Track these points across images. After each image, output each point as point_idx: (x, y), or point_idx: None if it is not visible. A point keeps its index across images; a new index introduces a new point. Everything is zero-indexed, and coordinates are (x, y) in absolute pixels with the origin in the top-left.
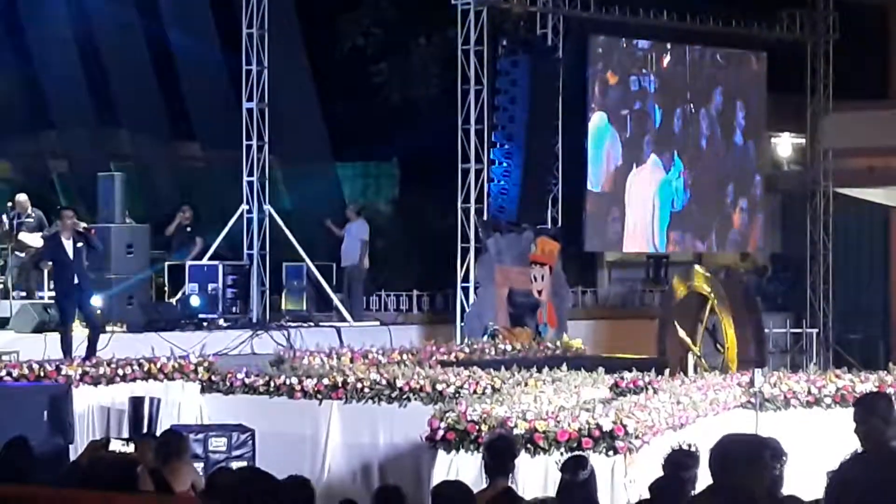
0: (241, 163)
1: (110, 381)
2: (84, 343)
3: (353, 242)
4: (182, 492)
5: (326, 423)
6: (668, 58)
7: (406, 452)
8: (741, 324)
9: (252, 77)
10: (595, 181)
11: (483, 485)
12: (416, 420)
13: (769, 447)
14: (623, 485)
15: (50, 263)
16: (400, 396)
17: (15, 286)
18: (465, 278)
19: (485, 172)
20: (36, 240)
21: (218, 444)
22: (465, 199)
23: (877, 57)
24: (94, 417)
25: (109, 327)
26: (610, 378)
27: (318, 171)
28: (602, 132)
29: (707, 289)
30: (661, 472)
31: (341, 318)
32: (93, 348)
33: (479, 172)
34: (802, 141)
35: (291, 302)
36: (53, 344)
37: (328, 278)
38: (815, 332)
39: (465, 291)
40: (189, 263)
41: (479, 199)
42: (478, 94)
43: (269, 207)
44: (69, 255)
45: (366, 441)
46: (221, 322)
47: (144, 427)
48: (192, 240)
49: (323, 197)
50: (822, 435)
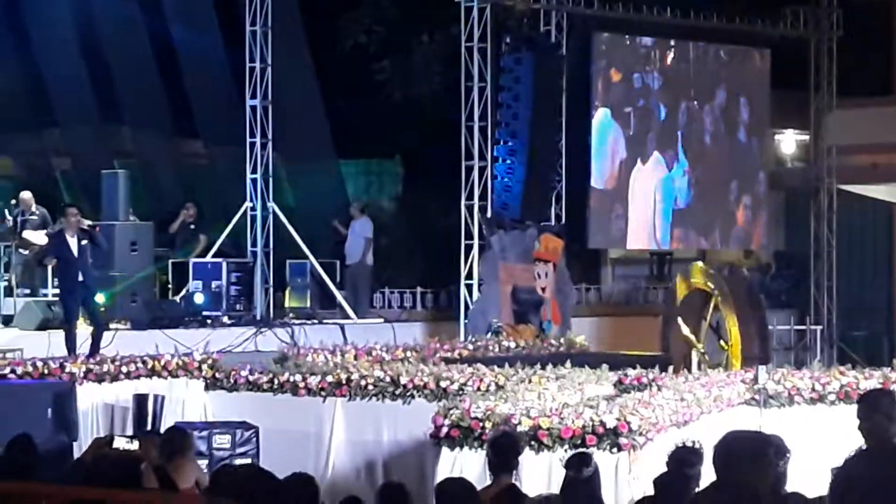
0: (244, 160)
1: (114, 378)
2: (88, 341)
3: (357, 240)
4: (186, 489)
5: (330, 420)
6: (671, 55)
7: (410, 449)
8: (745, 321)
9: (255, 74)
10: (599, 178)
11: (487, 482)
12: (419, 417)
13: (773, 444)
14: (627, 482)
15: (54, 260)
16: (404, 393)
17: (19, 284)
18: (469, 275)
19: (488, 169)
20: (40, 238)
21: (222, 442)
22: (469, 197)
23: (881, 54)
24: (98, 415)
25: (113, 325)
26: (614, 375)
27: (321, 168)
28: (605, 129)
29: (710, 285)
30: (665, 469)
31: (345, 316)
32: (96, 346)
33: (482, 170)
34: (806, 138)
35: (295, 299)
36: (57, 341)
37: (332, 275)
38: (818, 328)
39: (469, 288)
40: (193, 261)
41: (483, 196)
42: (481, 91)
43: (272, 205)
44: (74, 252)
45: (370, 438)
46: (225, 319)
47: (148, 424)
48: (195, 237)
49: (326, 194)
50: (826, 432)
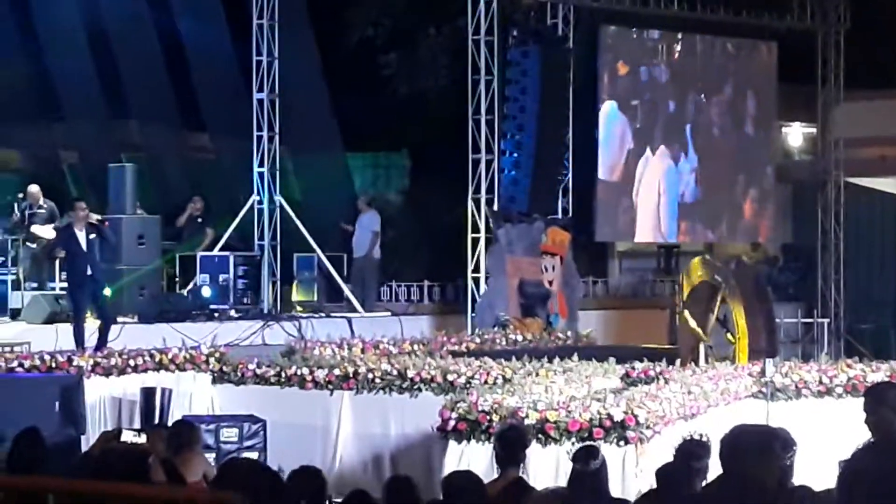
0: (251, 153)
1: (122, 371)
2: (95, 334)
3: (365, 233)
4: (194, 482)
5: (338, 413)
6: (678, 48)
7: (417, 443)
8: (752, 313)
9: (262, 68)
10: (606, 171)
11: (494, 475)
12: (427, 410)
13: (779, 438)
14: (634, 474)
15: (63, 252)
16: (411, 387)
17: (27, 277)
18: (476, 269)
19: (495, 163)
20: (48, 232)
21: (229, 435)
22: (476, 190)
23: (888, 46)
24: (106, 408)
25: (121, 318)
26: (621, 368)
27: (328, 161)
28: (612, 122)
29: (717, 278)
30: (670, 461)
31: (352, 309)
32: (104, 339)
33: (489, 163)
34: (813, 130)
35: (302, 293)
36: (65, 335)
37: (339, 269)
38: (826, 321)
39: (476, 282)
40: (200, 254)
41: (490, 189)
42: (488, 84)
43: (279, 198)
44: (82, 246)
45: (377, 431)
46: (232, 313)
47: (156, 418)
48: (202, 231)
49: (333, 188)
50: (834, 425)
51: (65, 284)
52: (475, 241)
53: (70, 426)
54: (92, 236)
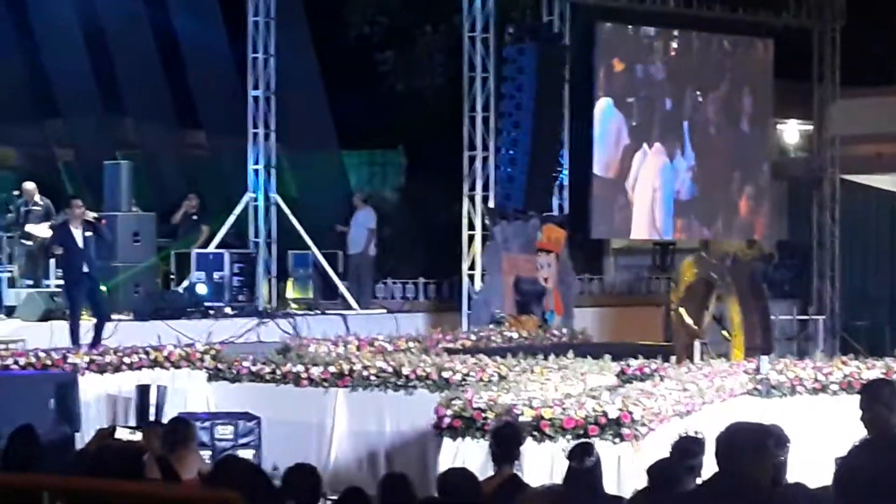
0: (247, 151)
1: (117, 369)
2: (91, 332)
3: (360, 231)
4: (189, 479)
5: (333, 410)
6: (674, 45)
7: (412, 440)
8: (748, 311)
9: (258, 65)
10: (601, 168)
11: (489, 472)
12: (422, 408)
13: (773, 435)
14: (629, 472)
15: (60, 249)
16: (406, 384)
17: (22, 275)
18: (472, 266)
19: (491, 160)
20: (44, 230)
21: (224, 432)
22: (472, 187)
23: (884, 43)
24: (101, 406)
25: (116, 315)
26: (616, 365)
27: (324, 159)
28: (608, 119)
29: (713, 275)
30: (661, 459)
31: (347, 306)
32: (98, 337)
33: (485, 160)
34: (809, 127)
35: (298, 290)
36: (60, 332)
37: (334, 266)
38: (821, 318)
39: (472, 279)
40: (195, 251)
41: (486, 186)
42: (484, 81)
43: (275, 195)
44: (79, 244)
45: (372, 429)
46: (228, 310)
47: (151, 415)
48: (198, 228)
49: (329, 185)
50: (829, 422)
51: (60, 282)
52: (471, 239)
53: (65, 423)
54: (88, 234)
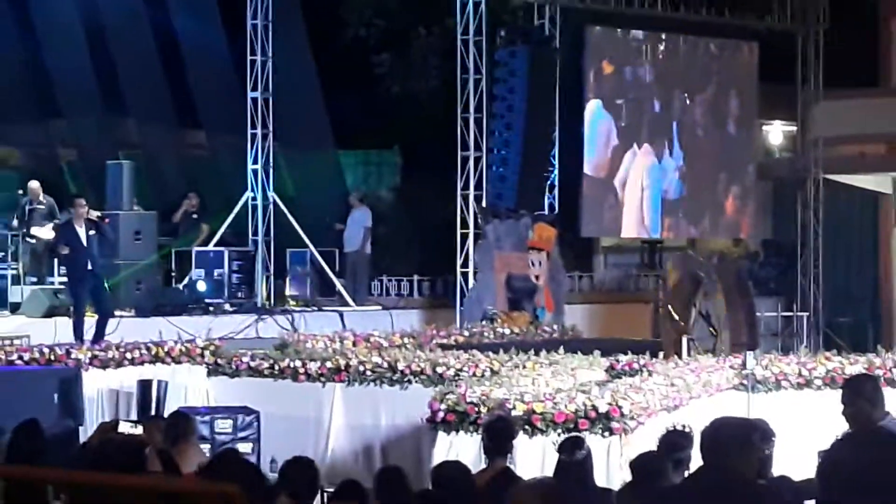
0: (245, 151)
1: (119, 364)
2: (93, 328)
3: (357, 229)
4: (189, 472)
5: (329, 405)
6: (662, 48)
7: (407, 434)
8: (734, 308)
9: (257, 67)
10: (591, 168)
11: (482, 465)
12: (416, 402)
13: (758, 430)
14: (618, 465)
15: (67, 249)
16: (401, 379)
17: (27, 272)
18: (465, 264)
19: (484, 160)
20: (47, 232)
21: (224, 426)
22: (465, 187)
23: (867, 46)
24: (104, 400)
25: (118, 312)
26: (606, 361)
27: (321, 158)
28: (597, 120)
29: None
30: (643, 452)
31: (344, 303)
32: (101, 333)
33: (478, 160)
34: (793, 129)
35: (295, 287)
36: (63, 328)
37: (331, 264)
38: (805, 315)
39: (465, 276)
40: (195, 249)
41: (479, 186)
42: (477, 83)
43: (273, 194)
44: (83, 242)
45: (368, 423)
46: (227, 307)
47: (152, 409)
48: (198, 226)
49: (326, 184)
50: (813, 416)
51: (64, 279)
52: (464, 237)
53: (68, 418)
54: (91, 232)
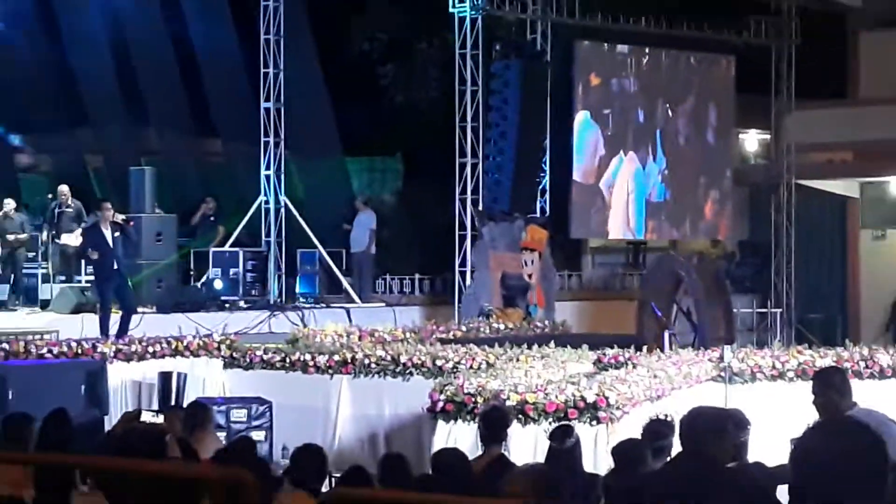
0: (259, 157)
1: (141, 357)
2: (117, 324)
3: (362, 231)
4: (207, 459)
5: (337, 395)
6: (646, 61)
7: (409, 422)
8: (712, 304)
9: (269, 79)
10: (580, 174)
11: (478, 452)
12: (417, 393)
13: (733, 419)
14: (605, 451)
15: (97, 254)
16: (403, 371)
17: (56, 272)
18: (463, 263)
19: (480, 166)
20: (74, 239)
21: (239, 416)
22: (463, 191)
23: (836, 60)
24: (127, 391)
25: (140, 308)
26: (593, 354)
27: (329, 165)
28: (586, 129)
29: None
30: (631, 440)
31: (350, 300)
32: (125, 328)
33: (474, 166)
34: (768, 137)
35: (305, 285)
36: (90, 324)
37: (339, 263)
38: (779, 311)
39: (463, 275)
40: (212, 250)
41: (475, 190)
42: (473, 94)
43: (284, 198)
44: (109, 243)
45: (372, 412)
46: (242, 304)
47: (172, 400)
48: (214, 228)
49: (333, 189)
50: (786, 406)
51: (90, 278)
52: (462, 238)
53: (94, 408)
54: (116, 234)
